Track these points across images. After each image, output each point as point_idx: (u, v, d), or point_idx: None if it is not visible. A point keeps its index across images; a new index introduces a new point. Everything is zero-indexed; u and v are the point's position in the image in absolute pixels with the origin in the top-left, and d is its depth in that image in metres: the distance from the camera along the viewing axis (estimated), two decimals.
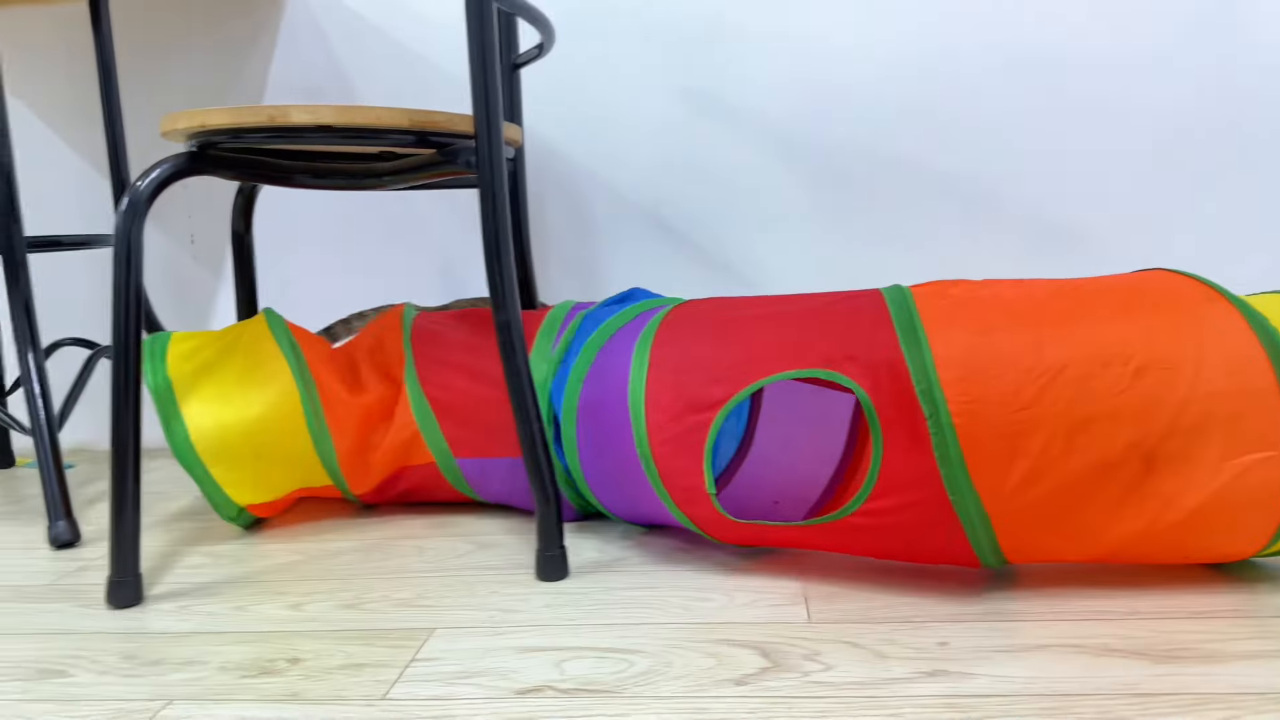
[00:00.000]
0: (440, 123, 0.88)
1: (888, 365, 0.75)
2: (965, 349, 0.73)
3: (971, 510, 0.73)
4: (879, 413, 0.75)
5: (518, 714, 0.62)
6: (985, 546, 0.75)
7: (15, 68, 1.48)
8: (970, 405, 0.72)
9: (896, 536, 0.77)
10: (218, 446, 0.98)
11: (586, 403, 0.91)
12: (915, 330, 0.75)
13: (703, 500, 0.82)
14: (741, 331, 0.85)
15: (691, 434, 0.82)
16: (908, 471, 0.73)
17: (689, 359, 0.85)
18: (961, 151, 1.36)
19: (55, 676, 0.71)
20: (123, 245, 0.81)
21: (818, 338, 0.80)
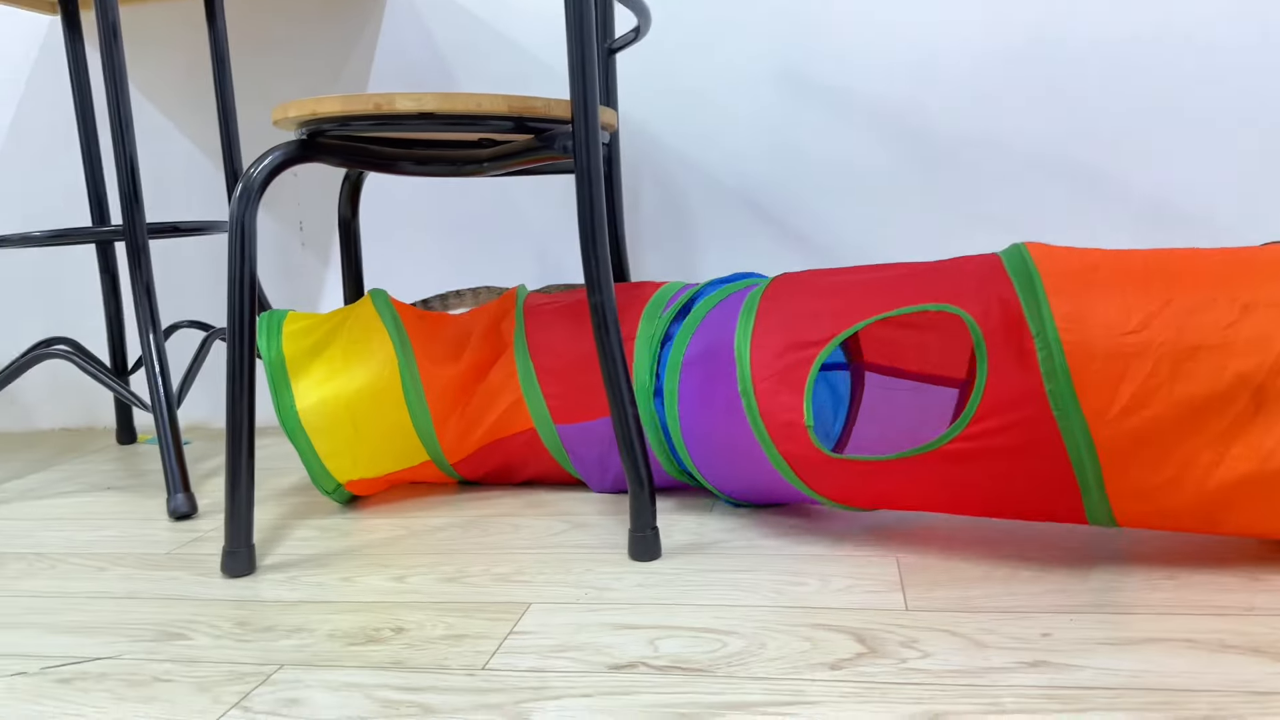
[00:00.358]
0: (538, 108, 0.90)
1: (999, 300, 0.76)
2: (1076, 286, 0.74)
3: (1077, 432, 0.72)
4: (986, 339, 0.75)
5: (613, 688, 0.62)
6: (1090, 479, 0.73)
7: (136, 62, 1.55)
8: (1078, 324, 0.72)
9: (998, 464, 0.76)
10: (319, 418, 1.01)
11: (692, 357, 0.93)
12: (1029, 270, 0.76)
13: (800, 436, 0.82)
14: (849, 288, 0.86)
15: (794, 370, 0.83)
16: (1013, 391, 0.74)
17: (795, 309, 0.87)
18: (1069, 130, 1.31)
19: (176, 639, 0.75)
20: (237, 230, 0.85)
21: (927, 285, 0.81)
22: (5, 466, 1.42)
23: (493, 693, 0.63)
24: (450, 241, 1.51)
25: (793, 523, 0.94)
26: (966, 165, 1.35)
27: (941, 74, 1.33)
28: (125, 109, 1.11)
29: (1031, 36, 1.30)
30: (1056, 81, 1.31)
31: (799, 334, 0.84)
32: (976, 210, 1.35)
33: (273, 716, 0.61)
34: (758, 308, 0.90)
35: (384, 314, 1.06)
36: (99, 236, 1.19)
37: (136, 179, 1.13)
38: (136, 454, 1.46)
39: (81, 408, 1.67)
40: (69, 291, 1.64)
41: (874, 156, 1.37)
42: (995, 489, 0.78)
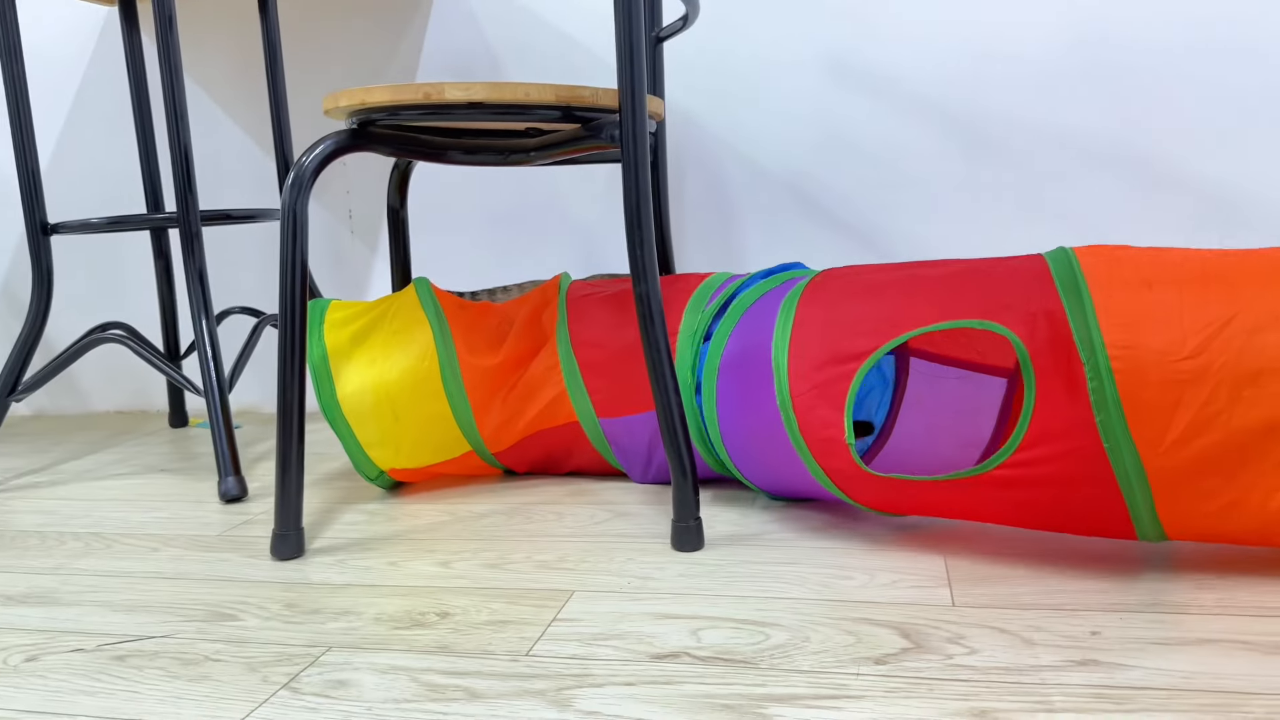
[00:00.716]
0: (585, 98, 0.90)
1: (1045, 314, 0.73)
2: (1127, 299, 0.71)
3: (1128, 463, 0.70)
4: (1034, 361, 0.73)
5: (655, 677, 0.63)
6: (1141, 508, 0.71)
7: (190, 51, 1.58)
8: (1131, 351, 0.69)
9: (1045, 492, 0.74)
10: (360, 405, 1.03)
11: (729, 360, 0.92)
12: (1076, 282, 0.73)
13: (841, 452, 0.81)
14: (890, 291, 0.84)
15: (834, 384, 0.81)
16: (1061, 420, 0.71)
17: (835, 315, 0.85)
18: (1126, 121, 1.28)
19: (227, 620, 0.76)
20: (289, 218, 0.86)
21: (971, 293, 0.78)
22: (62, 447, 1.46)
23: (536, 679, 0.63)
24: (495, 230, 1.52)
25: (836, 517, 0.94)
26: (1018, 157, 1.33)
27: (994, 63, 1.31)
28: (180, 98, 1.13)
29: (1088, 25, 1.28)
30: (1113, 71, 1.28)
31: (839, 345, 0.82)
32: (1028, 204, 1.33)
33: (321, 698, 0.62)
34: (796, 311, 0.87)
35: (426, 303, 1.07)
36: (154, 223, 1.22)
37: (190, 167, 1.15)
38: (188, 437, 1.49)
39: (135, 391, 1.71)
40: (123, 277, 1.68)
41: (923, 147, 1.35)
42: (1044, 511, 0.76)
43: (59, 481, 1.25)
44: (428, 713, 0.60)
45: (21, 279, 1.72)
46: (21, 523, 1.07)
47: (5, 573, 0.90)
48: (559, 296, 1.10)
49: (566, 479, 1.12)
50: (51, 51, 1.62)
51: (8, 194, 1.69)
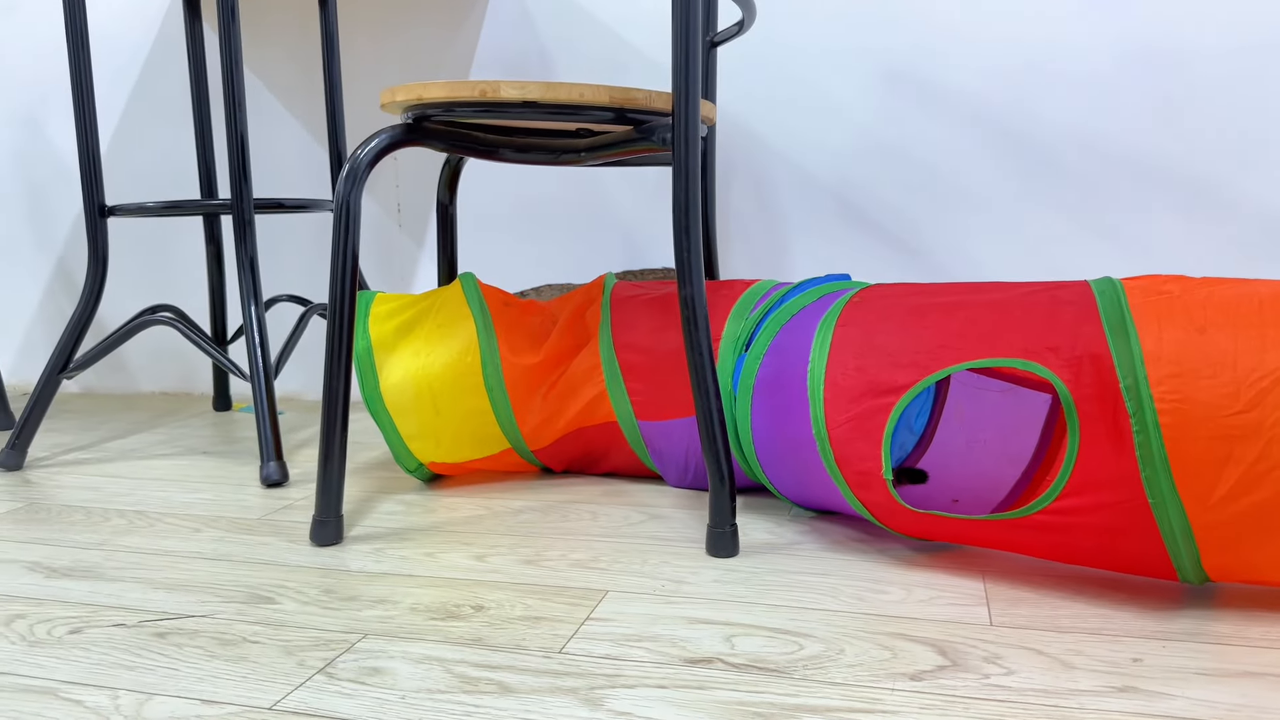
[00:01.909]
0: (639, 100, 0.90)
1: (1091, 359, 0.71)
2: (1178, 346, 0.69)
3: (1173, 518, 0.68)
4: (1078, 407, 0.71)
5: (688, 682, 0.63)
6: (1185, 560, 0.70)
7: (249, 42, 1.60)
8: (1180, 405, 0.67)
9: (1086, 539, 0.73)
10: (402, 397, 1.04)
11: (764, 379, 0.91)
12: (1124, 323, 0.71)
13: (878, 486, 0.80)
14: (931, 317, 0.82)
15: (871, 418, 0.80)
16: (1105, 471, 0.70)
17: (873, 342, 0.83)
18: (1183, 140, 1.26)
19: (265, 602, 0.77)
20: (343, 210, 0.87)
21: (1015, 327, 0.76)
22: (108, 426, 1.49)
23: (569, 676, 0.64)
24: (540, 228, 1.53)
25: (870, 532, 0.93)
26: (1072, 173, 1.31)
27: (1051, 78, 1.30)
28: (239, 87, 1.15)
29: (1146, 41, 1.26)
30: (1171, 89, 1.26)
31: (877, 376, 0.80)
32: (1080, 221, 1.32)
33: (356, 684, 0.63)
34: (833, 333, 0.86)
35: (471, 299, 1.08)
36: (208, 209, 1.24)
37: (246, 155, 1.16)
38: (231, 421, 1.51)
39: (180, 373, 1.74)
40: (172, 261, 1.71)
41: (975, 160, 1.34)
42: (1083, 554, 0.75)
43: (105, 459, 1.27)
44: (460, 704, 0.60)
45: (76, 259, 1.76)
46: (68, 497, 1.09)
47: (51, 545, 0.92)
48: (603, 296, 1.11)
49: (602, 479, 1.13)
50: (114, 37, 1.66)
51: (65, 176, 1.73)
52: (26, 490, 1.12)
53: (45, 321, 1.79)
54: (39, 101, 1.71)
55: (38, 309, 1.79)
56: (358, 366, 1.03)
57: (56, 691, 0.63)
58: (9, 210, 1.76)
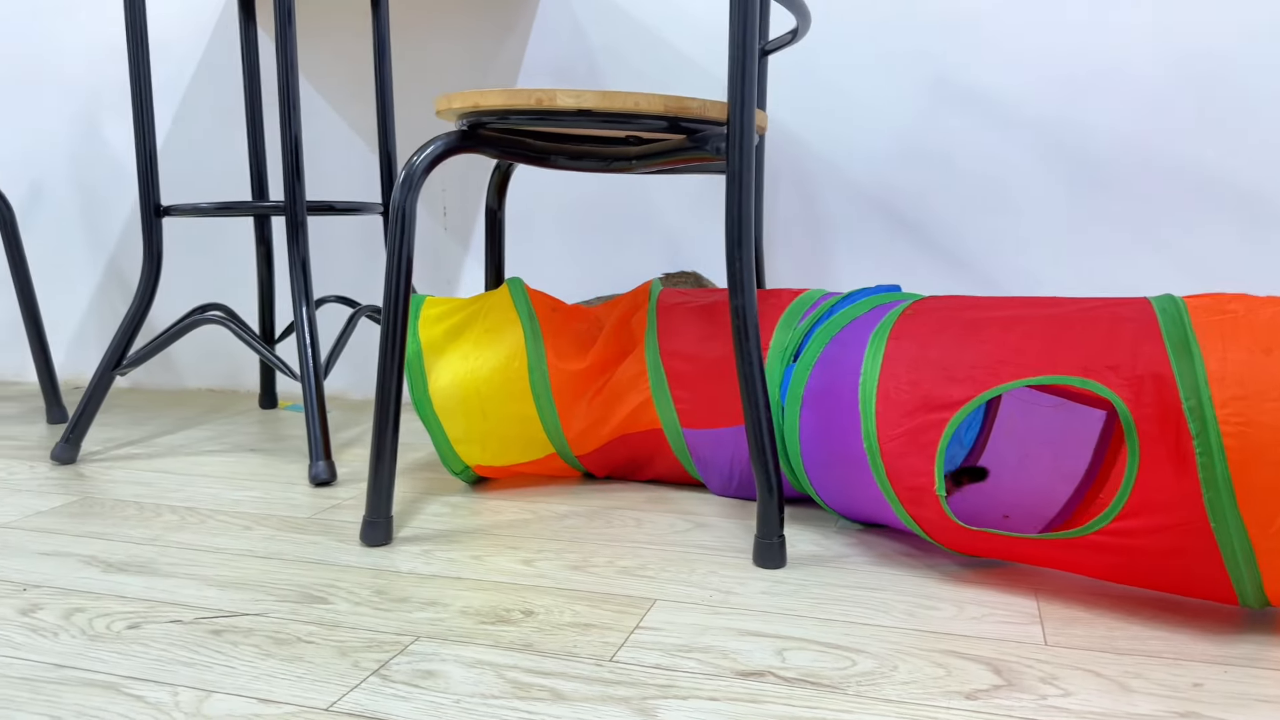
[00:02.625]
0: (693, 109, 0.90)
1: (1153, 378, 0.70)
2: (1242, 367, 0.67)
3: (1235, 543, 0.67)
4: (1138, 427, 0.70)
5: (740, 694, 0.62)
6: (1247, 585, 0.69)
7: (302, 46, 1.62)
8: (1245, 428, 0.66)
9: (1145, 561, 0.72)
10: (450, 403, 1.05)
11: (813, 390, 0.91)
12: (1187, 343, 0.70)
13: (931, 502, 0.80)
14: (987, 331, 0.81)
15: (924, 433, 0.79)
16: (1165, 493, 0.69)
17: (927, 356, 0.82)
18: (1242, 154, 1.24)
19: (318, 602, 0.78)
20: (398, 215, 0.88)
21: (1074, 343, 0.75)
22: (157, 421, 1.51)
23: (620, 685, 0.64)
24: (586, 234, 1.53)
25: (922, 544, 0.92)
26: (1126, 187, 1.29)
27: (1105, 89, 1.28)
28: (294, 90, 1.17)
29: (1203, 52, 1.24)
30: (1229, 100, 1.24)
31: (931, 391, 0.79)
32: (1134, 234, 1.30)
33: (411, 687, 0.63)
34: (886, 345, 0.85)
35: (519, 303, 1.09)
36: (261, 210, 1.25)
37: (300, 158, 1.18)
38: (277, 419, 1.53)
39: (227, 371, 1.77)
40: (221, 260, 1.73)
41: (1026, 172, 1.33)
42: (1141, 575, 0.73)
43: (155, 454, 1.29)
44: (515, 710, 0.60)
45: (127, 257, 1.79)
46: (121, 492, 1.11)
47: (107, 540, 0.94)
48: (649, 304, 1.11)
49: (645, 486, 1.13)
50: (169, 40, 1.68)
51: (119, 176, 1.76)
52: (80, 484, 1.14)
53: (97, 318, 1.82)
54: (94, 102, 1.75)
55: (89, 306, 1.82)
56: (408, 370, 1.04)
57: (118, 687, 0.64)
58: (64, 209, 1.80)
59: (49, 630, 0.73)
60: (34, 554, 0.90)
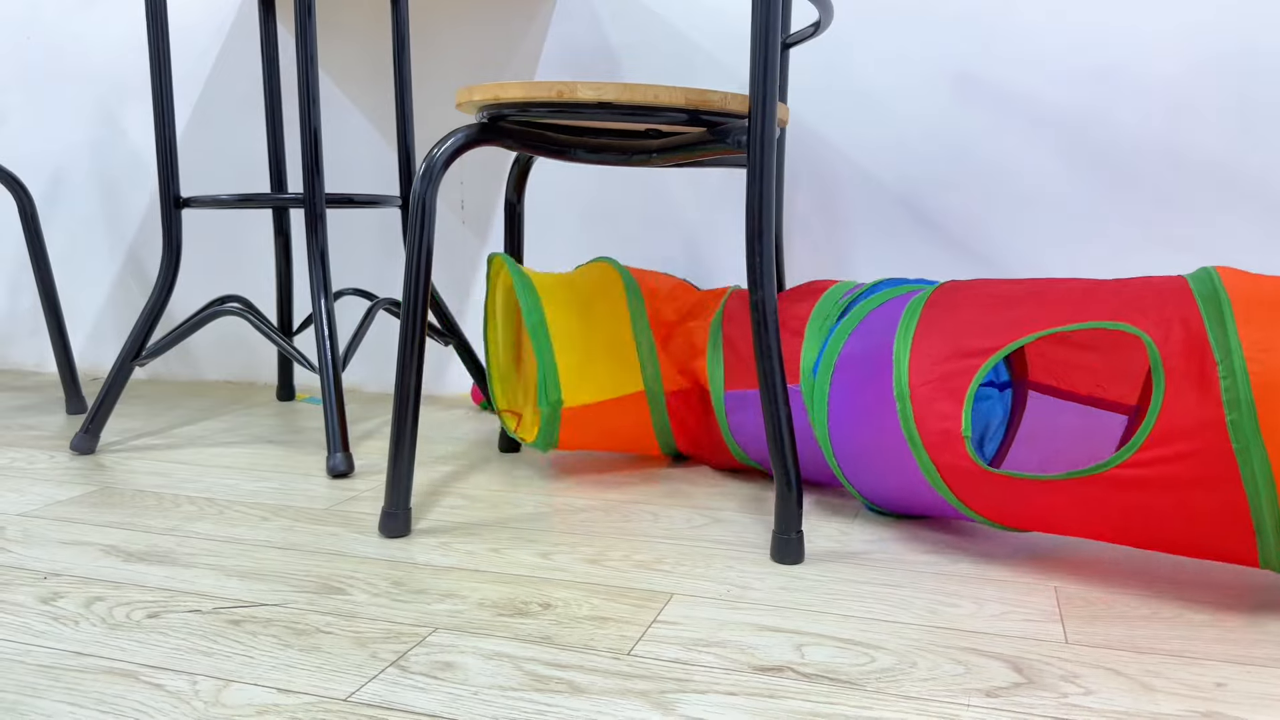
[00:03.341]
0: (714, 102, 0.90)
1: (1181, 320, 0.72)
2: (1267, 309, 0.70)
3: (1256, 467, 0.68)
4: (1165, 362, 0.72)
5: (758, 689, 0.62)
6: (1266, 519, 0.69)
7: (320, 38, 1.62)
8: (1269, 354, 0.68)
9: (1165, 497, 0.72)
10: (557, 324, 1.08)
11: (846, 357, 0.92)
12: (1216, 293, 0.72)
13: (955, 446, 0.80)
14: (1018, 298, 0.84)
15: (955, 378, 0.81)
16: (1190, 419, 0.70)
17: (961, 317, 0.85)
18: (1267, 150, 1.23)
19: (336, 593, 0.78)
20: (419, 207, 0.88)
21: (1104, 302, 0.78)
22: (175, 412, 1.52)
23: (638, 679, 0.64)
24: (605, 229, 1.53)
25: (941, 539, 0.92)
26: (1149, 181, 1.28)
27: (1128, 83, 1.27)
28: (313, 83, 1.17)
29: (1224, 48, 1.23)
30: (1250, 96, 1.23)
31: (964, 341, 0.82)
32: (1156, 232, 1.29)
33: (429, 678, 0.64)
34: (921, 313, 0.88)
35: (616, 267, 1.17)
36: (281, 202, 1.26)
37: (319, 150, 1.18)
38: (295, 411, 1.53)
39: (245, 363, 1.77)
40: (238, 252, 1.74)
41: (1048, 167, 1.32)
42: (1161, 522, 0.74)
43: (173, 445, 1.30)
44: (533, 703, 0.60)
45: (146, 248, 1.80)
46: (140, 483, 1.11)
47: (126, 529, 0.94)
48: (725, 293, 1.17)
49: (662, 480, 1.13)
50: (188, 31, 1.69)
51: (138, 167, 1.77)
52: (100, 474, 1.15)
53: (115, 309, 1.83)
54: (114, 94, 1.76)
55: (108, 296, 1.83)
56: (518, 283, 1.08)
57: (138, 675, 0.64)
58: (84, 200, 1.81)
59: (69, 619, 0.73)
60: (54, 543, 0.90)
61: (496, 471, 1.16)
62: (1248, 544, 0.72)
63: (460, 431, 1.39)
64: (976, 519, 0.85)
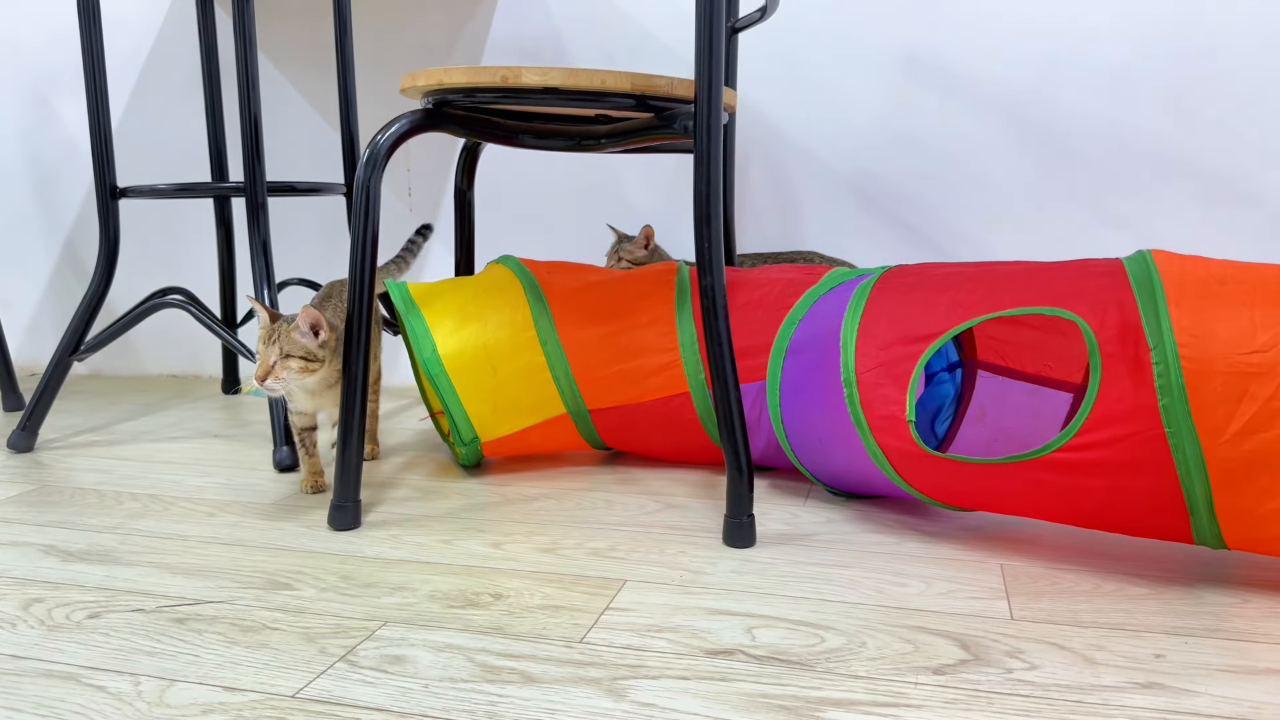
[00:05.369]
0: (661, 87, 0.89)
1: (1117, 304, 0.74)
2: (1199, 292, 0.72)
3: (1188, 451, 0.70)
4: (1101, 347, 0.73)
5: (710, 673, 0.62)
6: (1199, 500, 0.71)
7: (260, 23, 1.59)
8: (1199, 340, 0.70)
9: (1103, 480, 0.73)
10: (459, 360, 1.02)
11: (797, 343, 0.93)
12: (1150, 276, 0.74)
13: (900, 430, 0.81)
14: (962, 280, 0.85)
15: (899, 364, 0.82)
16: (1124, 404, 0.71)
17: (906, 300, 0.85)
18: (1206, 132, 1.26)
19: (283, 588, 0.77)
20: (362, 194, 0.86)
21: (1044, 285, 0.79)
22: (118, 408, 1.48)
23: (590, 666, 0.63)
24: (556, 215, 1.52)
25: (889, 519, 0.93)
26: (1091, 163, 1.30)
27: (1072, 68, 1.29)
28: (253, 69, 1.14)
29: (1168, 32, 1.25)
30: (1192, 80, 1.25)
31: (908, 327, 0.83)
32: (1099, 211, 1.31)
33: (378, 672, 0.63)
34: (868, 297, 0.88)
35: (510, 266, 1.09)
36: (221, 191, 1.23)
37: (259, 138, 1.16)
38: (240, 404, 1.51)
39: (188, 356, 1.74)
40: (180, 243, 1.70)
41: (994, 150, 1.33)
42: (1100, 502, 0.75)
43: (116, 441, 1.27)
44: (484, 694, 0.60)
45: (84, 240, 1.75)
46: (81, 480, 1.09)
47: (66, 529, 0.92)
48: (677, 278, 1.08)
49: (616, 468, 1.12)
50: (124, 17, 1.64)
51: (74, 156, 1.72)
52: (39, 472, 1.12)
53: (53, 302, 1.79)
54: (48, 82, 1.70)
55: (45, 290, 1.78)
56: (412, 336, 1.02)
57: (78, 677, 0.63)
58: (17, 191, 1.76)
59: (6, 621, 0.71)
60: None
61: (448, 462, 1.15)
62: (1182, 523, 0.73)
63: (410, 422, 1.37)
64: (922, 499, 0.86)
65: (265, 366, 0.92)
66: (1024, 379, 1.00)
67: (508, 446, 1.09)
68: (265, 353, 0.93)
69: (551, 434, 1.09)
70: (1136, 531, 0.77)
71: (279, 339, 0.93)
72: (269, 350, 0.93)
